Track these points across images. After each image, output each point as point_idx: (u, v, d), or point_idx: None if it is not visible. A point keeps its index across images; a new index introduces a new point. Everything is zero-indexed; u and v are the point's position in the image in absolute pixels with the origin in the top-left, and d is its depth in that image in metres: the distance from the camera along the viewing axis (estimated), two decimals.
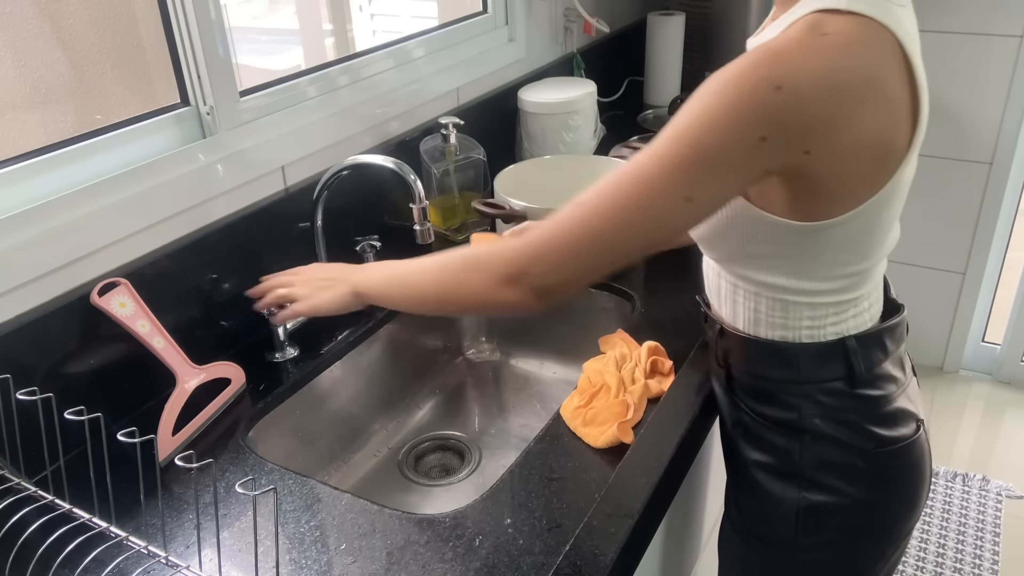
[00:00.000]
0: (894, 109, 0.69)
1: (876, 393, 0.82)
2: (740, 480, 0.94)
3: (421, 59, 1.45)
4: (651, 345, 1.03)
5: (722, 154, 0.66)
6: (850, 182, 0.71)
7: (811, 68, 0.64)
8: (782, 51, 0.65)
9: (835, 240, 0.75)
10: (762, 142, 0.65)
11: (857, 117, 0.67)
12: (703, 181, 0.67)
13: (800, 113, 0.64)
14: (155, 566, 0.76)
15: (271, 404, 1.04)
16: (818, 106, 0.65)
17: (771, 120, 0.64)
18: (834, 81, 0.65)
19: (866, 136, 0.68)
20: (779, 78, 0.63)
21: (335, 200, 1.15)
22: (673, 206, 0.67)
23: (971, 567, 1.88)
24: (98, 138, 0.96)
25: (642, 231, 0.69)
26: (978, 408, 2.41)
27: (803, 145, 0.66)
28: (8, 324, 0.87)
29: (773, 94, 0.63)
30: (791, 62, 0.64)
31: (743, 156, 0.66)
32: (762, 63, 0.64)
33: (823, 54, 0.65)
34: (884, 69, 0.67)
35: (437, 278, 0.81)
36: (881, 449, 0.82)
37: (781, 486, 0.87)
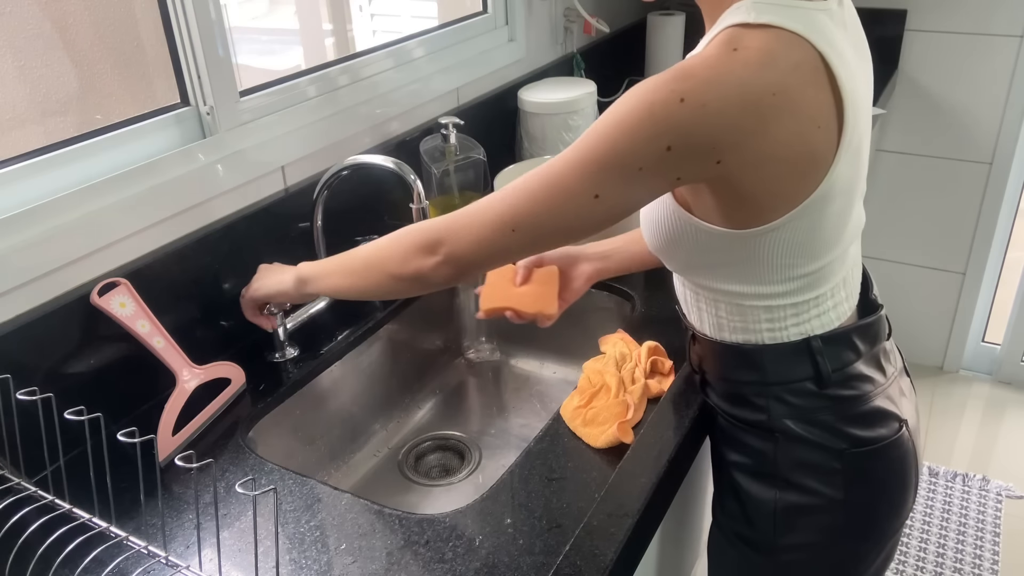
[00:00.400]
0: (811, 117, 0.70)
1: (849, 393, 0.82)
2: (722, 482, 0.95)
3: (421, 59, 1.45)
4: (651, 345, 1.03)
5: (631, 158, 0.69)
6: (773, 189, 0.72)
7: (719, 83, 0.66)
8: (694, 67, 0.68)
9: (776, 245, 0.76)
10: (668, 152, 0.68)
11: (768, 128, 0.68)
12: (611, 181, 0.70)
13: (704, 126, 0.67)
14: (155, 566, 0.76)
15: (271, 404, 1.04)
16: (724, 119, 0.67)
17: (675, 132, 0.67)
18: (743, 95, 0.66)
19: (780, 146, 0.69)
20: (685, 91, 0.66)
21: (335, 200, 1.15)
22: (583, 202, 0.71)
23: (971, 567, 1.88)
24: (98, 138, 0.97)
25: (552, 222, 0.74)
26: (978, 408, 2.41)
27: (712, 156, 0.69)
28: (8, 324, 0.87)
29: (678, 107, 0.66)
30: (699, 76, 0.67)
31: (652, 163, 0.69)
32: (673, 78, 0.67)
33: (732, 70, 0.67)
34: (795, 77, 0.68)
35: (365, 254, 0.86)
36: (856, 449, 0.82)
37: (759, 487, 0.88)
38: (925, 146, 2.28)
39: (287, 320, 1.11)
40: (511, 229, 0.74)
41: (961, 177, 2.27)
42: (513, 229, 0.74)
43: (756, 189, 0.72)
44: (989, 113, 2.17)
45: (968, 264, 2.37)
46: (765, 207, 0.73)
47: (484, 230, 0.76)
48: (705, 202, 0.75)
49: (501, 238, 0.75)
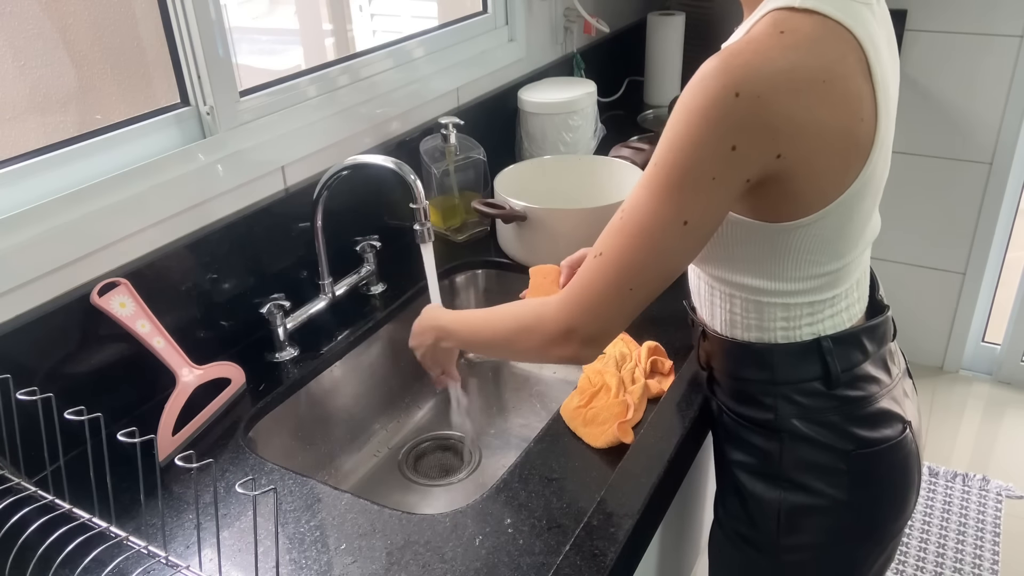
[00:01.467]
0: (855, 105, 0.69)
1: (856, 394, 0.82)
2: (724, 482, 0.95)
3: (421, 59, 1.45)
4: (651, 345, 1.03)
5: (701, 170, 0.67)
6: (819, 181, 0.71)
7: (767, 69, 0.65)
8: (738, 55, 0.66)
9: (805, 240, 0.75)
10: (734, 152, 0.66)
11: (818, 117, 0.67)
12: (691, 201, 0.68)
13: (762, 116, 0.65)
14: (155, 566, 0.76)
15: (271, 404, 1.04)
16: (778, 106, 0.65)
17: (736, 128, 0.65)
18: (792, 80, 0.65)
19: (828, 136, 0.69)
20: (736, 84, 0.64)
21: (335, 200, 1.15)
22: (674, 233, 0.70)
23: (971, 567, 1.88)
24: (98, 138, 0.96)
25: (656, 265, 0.72)
26: (978, 408, 2.41)
27: (773, 149, 0.67)
28: (8, 324, 0.87)
29: (733, 102, 0.64)
30: (747, 65, 0.65)
31: (721, 168, 0.67)
32: (720, 71, 0.65)
33: (779, 53, 0.66)
34: (842, 66, 0.68)
35: (502, 336, 0.86)
36: (862, 450, 0.82)
37: (763, 487, 0.87)
38: (925, 146, 2.28)
39: (287, 320, 1.11)
40: (629, 289, 0.73)
41: (961, 177, 2.27)
42: (631, 288, 0.73)
43: (804, 183, 0.71)
44: (989, 113, 2.17)
45: (968, 264, 2.37)
46: (805, 202, 0.72)
47: (606, 303, 0.74)
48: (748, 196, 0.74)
49: (623, 301, 0.74)
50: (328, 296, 1.18)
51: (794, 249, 0.76)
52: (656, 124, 1.87)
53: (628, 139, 1.70)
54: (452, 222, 1.41)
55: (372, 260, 1.25)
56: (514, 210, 1.26)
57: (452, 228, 1.41)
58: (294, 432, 1.08)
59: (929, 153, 2.29)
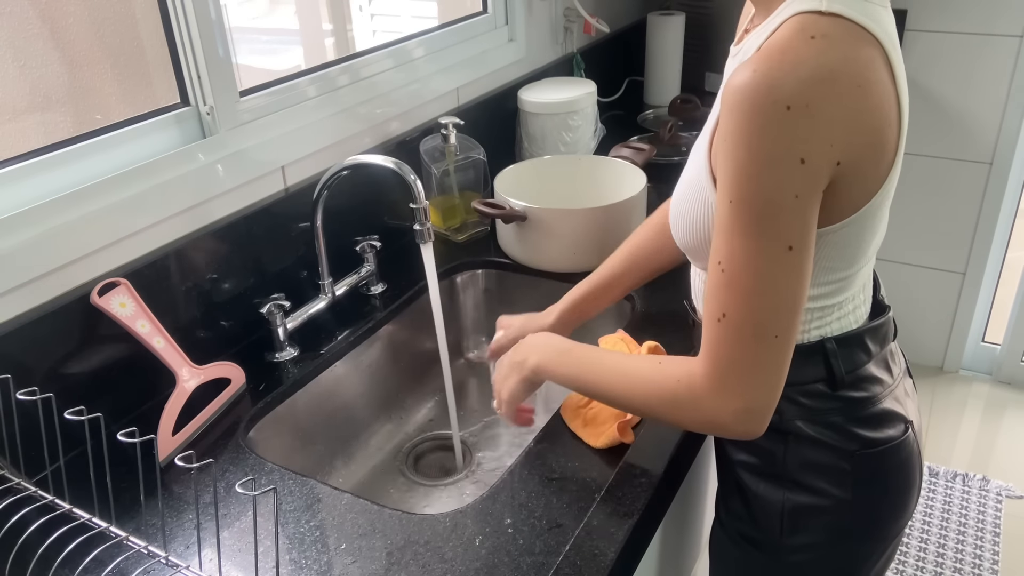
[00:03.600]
0: (885, 109, 0.69)
1: (859, 395, 0.82)
2: (727, 481, 0.95)
3: (421, 59, 1.45)
4: (651, 345, 1.03)
5: (783, 192, 0.65)
6: (857, 188, 0.70)
7: (808, 77, 0.63)
8: (777, 66, 0.64)
9: (827, 247, 0.75)
10: (803, 165, 0.64)
11: (858, 119, 0.67)
12: (786, 225, 0.66)
13: (817, 124, 0.64)
14: (155, 566, 0.76)
15: (271, 404, 1.04)
16: (827, 113, 0.64)
17: (799, 140, 0.64)
18: (833, 85, 0.64)
19: (867, 138, 0.68)
20: (785, 97, 0.63)
21: (335, 200, 1.15)
22: (784, 263, 0.67)
23: (971, 567, 1.88)
24: (98, 138, 0.96)
25: (784, 301, 0.68)
26: (978, 408, 2.41)
27: (834, 156, 0.66)
28: (8, 324, 0.87)
29: (786, 115, 0.63)
30: (788, 75, 0.63)
31: (799, 184, 0.65)
32: (762, 86, 0.63)
33: (816, 60, 0.64)
34: (871, 70, 0.67)
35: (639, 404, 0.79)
36: (866, 451, 0.82)
37: (766, 487, 0.87)
38: (925, 146, 2.28)
39: (287, 320, 1.11)
40: (774, 337, 0.68)
41: (961, 177, 2.27)
42: (776, 336, 0.68)
43: (845, 191, 0.69)
44: (989, 113, 2.17)
45: (968, 264, 2.37)
46: (838, 209, 0.71)
47: (761, 364, 0.69)
48: None
49: (775, 353, 0.69)
50: (328, 296, 1.18)
51: (816, 257, 0.75)
52: (656, 124, 1.87)
53: (628, 139, 1.70)
54: (452, 222, 1.41)
55: (372, 260, 1.25)
56: (514, 210, 1.26)
57: (452, 228, 1.41)
58: (294, 432, 1.08)
59: (929, 153, 2.29)
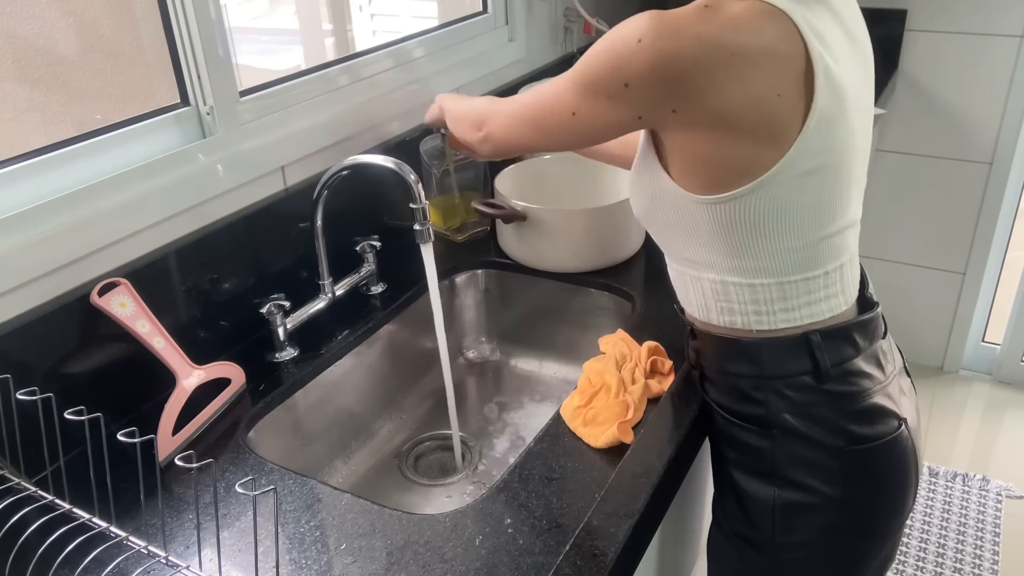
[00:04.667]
0: (770, 85, 0.71)
1: (847, 389, 0.82)
2: (721, 480, 0.95)
3: (421, 59, 1.45)
4: (651, 345, 1.03)
5: (599, 85, 0.77)
6: (734, 155, 0.74)
7: (680, 33, 0.70)
8: (661, 13, 0.72)
9: (745, 214, 0.77)
10: (626, 88, 0.74)
11: (722, 87, 0.70)
12: (584, 102, 0.80)
13: (657, 70, 0.71)
14: (155, 566, 0.76)
15: (271, 404, 1.04)
16: (676, 67, 0.70)
17: (630, 70, 0.73)
18: (699, 49, 0.69)
19: (734, 107, 0.71)
20: (645, 34, 0.71)
21: (335, 200, 1.15)
22: (565, 116, 0.83)
23: (971, 567, 1.88)
24: (98, 138, 0.96)
25: (548, 130, 0.87)
26: (978, 408, 2.41)
27: (666, 102, 0.73)
28: (8, 324, 0.87)
29: (636, 47, 0.71)
30: (665, 23, 0.71)
31: (615, 95, 0.76)
32: (639, 19, 0.72)
33: (696, 25, 0.70)
34: (758, 43, 0.70)
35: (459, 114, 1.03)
36: (855, 447, 0.82)
37: (757, 485, 0.88)
38: (925, 146, 2.28)
39: (287, 320, 1.11)
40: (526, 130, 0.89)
41: (961, 177, 2.27)
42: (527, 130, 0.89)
43: (716, 151, 0.74)
44: (989, 113, 2.17)
45: (968, 264, 2.36)
46: (729, 173, 0.75)
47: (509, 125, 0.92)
48: (678, 164, 0.79)
49: (519, 134, 0.91)
50: (328, 296, 1.18)
51: (738, 223, 0.78)
52: None
53: None
54: (452, 222, 1.41)
55: (372, 260, 1.25)
56: (514, 210, 1.26)
57: (452, 228, 1.41)
58: (294, 432, 1.08)
59: (929, 153, 2.29)
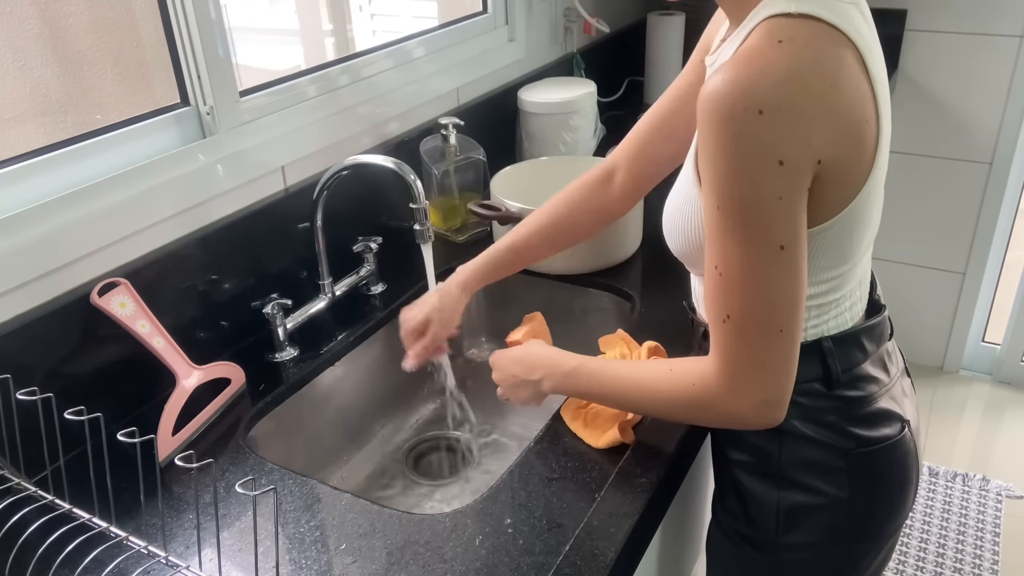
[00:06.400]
0: (860, 105, 0.70)
1: (855, 394, 0.82)
2: (723, 481, 0.95)
3: (421, 59, 1.45)
4: (651, 345, 1.03)
5: (765, 194, 0.67)
6: (842, 185, 0.72)
7: (778, 79, 0.65)
8: (745, 72, 0.65)
9: (819, 245, 0.75)
10: (782, 166, 0.66)
11: (833, 117, 0.68)
12: (774, 225, 0.68)
13: (791, 126, 0.65)
14: (155, 566, 0.76)
15: (271, 404, 1.04)
16: (800, 114, 0.65)
17: (774, 144, 0.65)
18: (802, 87, 0.65)
19: (845, 134, 0.69)
20: (755, 102, 0.64)
21: (335, 200, 1.15)
22: (777, 263, 0.69)
23: (971, 567, 1.88)
24: (98, 138, 0.96)
25: (783, 296, 0.70)
26: (978, 408, 2.41)
27: (813, 155, 0.67)
28: (8, 324, 0.87)
29: (759, 120, 0.64)
30: (758, 83, 0.65)
31: (781, 185, 0.67)
32: (732, 94, 0.65)
33: (783, 64, 0.66)
34: (842, 68, 0.68)
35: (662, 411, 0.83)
36: (862, 449, 0.82)
37: (761, 486, 0.87)
38: (925, 146, 2.28)
39: (287, 320, 1.11)
40: (779, 331, 0.71)
41: (961, 177, 2.27)
42: (781, 330, 0.71)
43: (830, 188, 0.71)
44: (989, 113, 2.17)
45: (968, 264, 2.36)
46: (828, 206, 0.72)
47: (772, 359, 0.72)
48: None
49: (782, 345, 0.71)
50: (328, 296, 1.18)
51: (810, 256, 0.75)
52: None
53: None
54: (452, 223, 1.41)
55: (372, 260, 1.25)
56: (510, 212, 1.25)
57: (452, 229, 1.41)
58: (294, 432, 1.08)
59: (929, 153, 2.29)
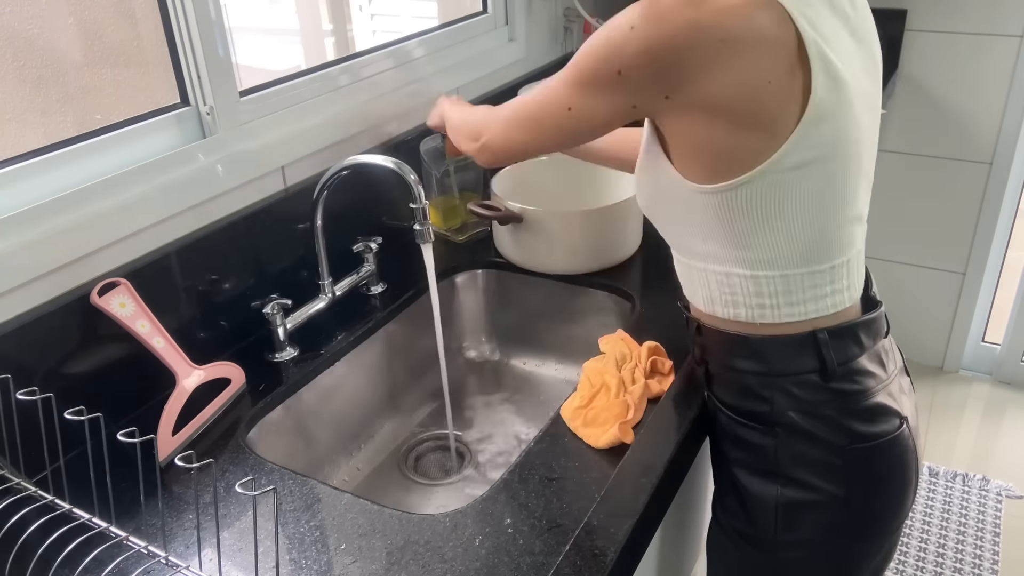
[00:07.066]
0: (759, 72, 0.70)
1: (852, 387, 0.82)
2: (722, 479, 0.95)
3: (421, 59, 1.45)
4: (651, 345, 1.03)
5: (593, 77, 0.78)
6: (727, 144, 0.74)
7: (670, 20, 0.70)
8: (655, 1, 0.72)
9: (744, 204, 0.77)
10: (619, 76, 0.75)
11: (711, 73, 0.70)
12: (579, 96, 0.81)
13: (648, 57, 0.72)
14: (155, 566, 0.76)
15: (271, 404, 1.04)
16: (667, 53, 0.71)
17: (623, 58, 0.74)
18: (689, 34, 0.70)
19: (725, 95, 0.71)
20: (635, 21, 0.72)
21: (335, 200, 1.15)
22: (561, 113, 0.83)
23: (971, 567, 1.88)
24: (98, 138, 0.96)
25: (545, 130, 0.87)
26: (978, 408, 2.41)
27: (659, 89, 0.74)
28: (8, 324, 0.87)
29: (628, 33, 0.73)
30: (655, 10, 0.71)
31: (609, 85, 0.77)
32: (633, 8, 0.73)
33: (686, 11, 0.70)
34: (750, 32, 0.69)
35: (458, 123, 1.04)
36: (858, 445, 0.82)
37: (760, 483, 0.88)
38: (925, 146, 2.28)
39: (287, 320, 1.11)
40: (524, 133, 0.89)
41: (961, 177, 2.27)
42: (525, 134, 0.89)
43: (711, 139, 0.75)
44: (989, 113, 2.17)
45: (968, 264, 2.36)
46: (725, 162, 0.76)
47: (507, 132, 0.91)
48: (678, 154, 0.80)
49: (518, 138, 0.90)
50: (328, 296, 1.18)
51: (739, 213, 0.77)
52: None
53: None
54: (452, 223, 1.41)
55: (372, 260, 1.25)
56: (511, 211, 1.25)
57: (452, 229, 1.41)
58: (294, 432, 1.08)
59: (929, 153, 2.29)
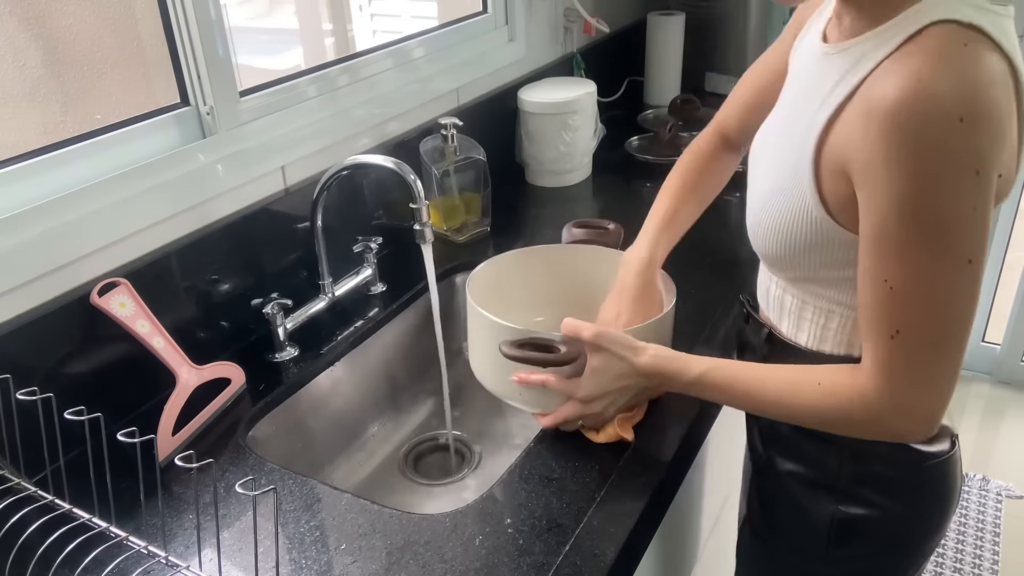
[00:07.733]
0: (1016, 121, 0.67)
1: None
2: (770, 490, 0.93)
3: (421, 59, 1.45)
4: None
5: (961, 206, 0.64)
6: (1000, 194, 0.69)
7: (976, 85, 0.62)
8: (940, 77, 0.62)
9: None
10: (978, 176, 0.63)
11: (1008, 125, 0.65)
12: (965, 238, 0.65)
13: (985, 132, 0.63)
14: (155, 566, 0.76)
15: (271, 404, 1.04)
16: (996, 121, 0.63)
17: (971, 152, 0.62)
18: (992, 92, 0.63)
19: (1013, 143, 0.67)
20: (955, 108, 0.61)
21: (335, 200, 1.15)
22: (961, 277, 0.66)
23: (971, 567, 1.88)
24: (98, 138, 0.96)
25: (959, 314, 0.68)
26: (978, 408, 2.41)
27: (999, 166, 0.64)
28: (8, 324, 0.87)
29: (960, 128, 0.61)
30: (956, 87, 0.61)
31: (976, 195, 0.64)
32: (932, 97, 0.61)
33: (975, 67, 0.62)
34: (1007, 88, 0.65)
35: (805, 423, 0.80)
36: (920, 464, 0.81)
37: (815, 498, 0.86)
38: None
39: (287, 320, 1.11)
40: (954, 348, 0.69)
41: None
42: (955, 346, 0.69)
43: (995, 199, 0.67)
44: None
45: None
46: None
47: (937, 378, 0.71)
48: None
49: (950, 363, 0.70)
50: (328, 296, 1.18)
51: None
52: (656, 124, 1.87)
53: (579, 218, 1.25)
54: (452, 223, 1.41)
55: (372, 260, 1.25)
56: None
57: (452, 229, 1.41)
58: (294, 432, 1.08)
59: None
